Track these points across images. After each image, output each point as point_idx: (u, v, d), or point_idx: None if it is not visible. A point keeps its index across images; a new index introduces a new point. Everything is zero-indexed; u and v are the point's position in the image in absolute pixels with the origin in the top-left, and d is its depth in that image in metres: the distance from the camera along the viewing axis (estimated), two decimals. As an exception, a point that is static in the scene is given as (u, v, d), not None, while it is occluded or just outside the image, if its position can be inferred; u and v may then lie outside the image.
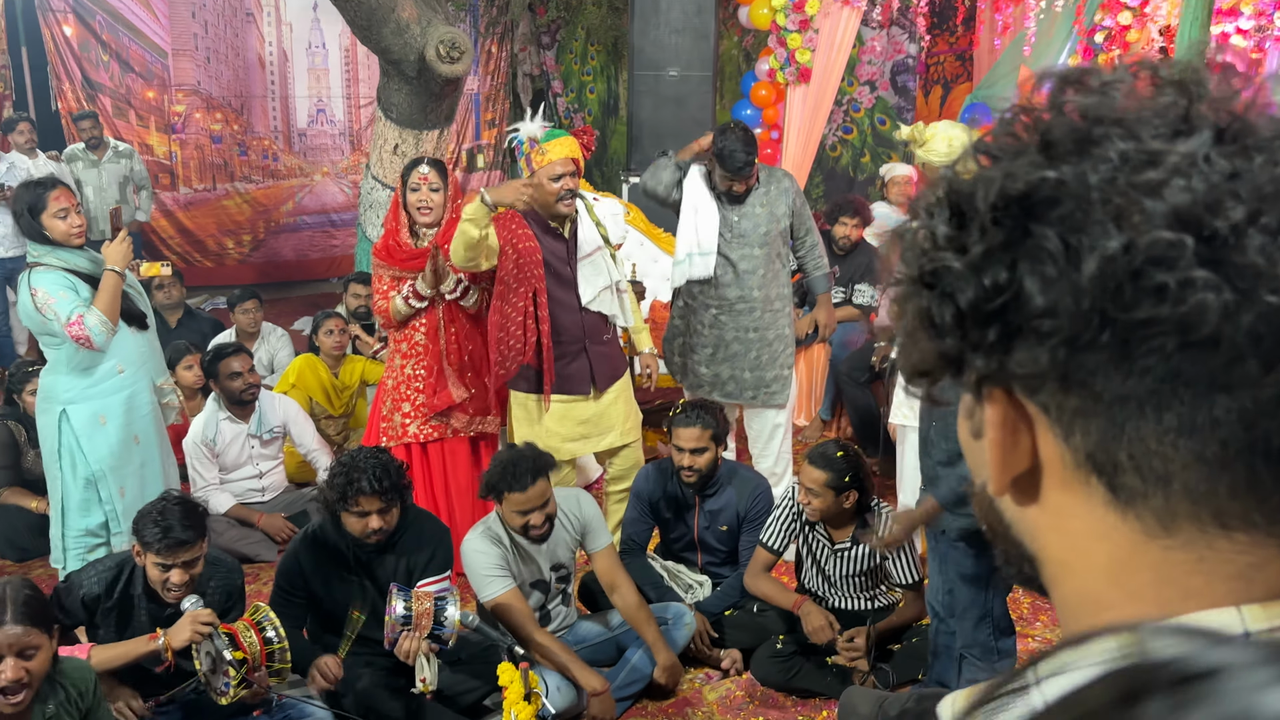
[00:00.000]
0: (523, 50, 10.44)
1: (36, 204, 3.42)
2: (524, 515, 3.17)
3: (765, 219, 4.03)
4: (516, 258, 3.68)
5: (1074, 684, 0.54)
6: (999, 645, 2.91)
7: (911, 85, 8.55)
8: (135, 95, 8.65)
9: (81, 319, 3.35)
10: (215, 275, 9.03)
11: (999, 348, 0.57)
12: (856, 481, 3.29)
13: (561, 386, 3.78)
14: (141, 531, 2.85)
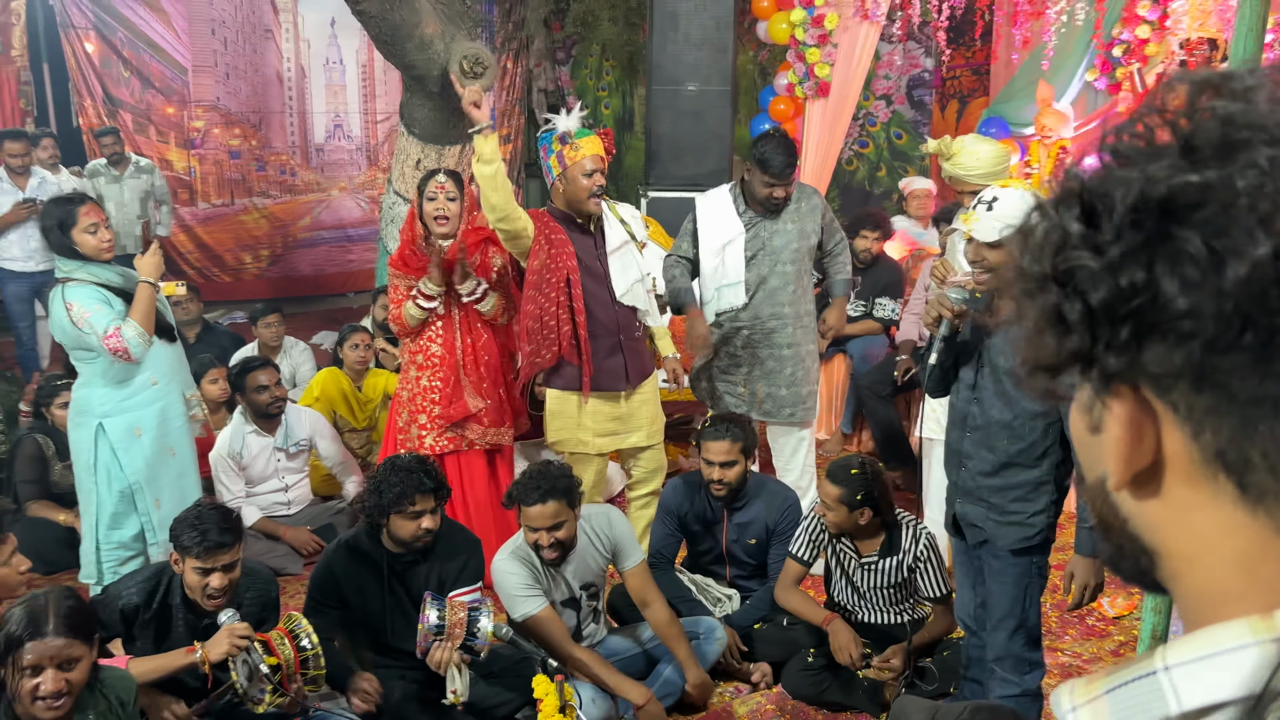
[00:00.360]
0: (538, 66, 10.49)
1: (67, 219, 3.45)
2: (533, 533, 3.15)
3: (796, 235, 4.05)
4: (549, 248, 3.72)
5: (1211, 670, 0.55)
6: (1030, 657, 2.90)
7: (928, 100, 8.57)
8: (155, 111, 8.71)
9: (119, 331, 3.39)
10: (233, 290, 9.07)
11: (1130, 346, 0.58)
12: (870, 499, 3.28)
13: (599, 381, 3.81)
14: (179, 537, 2.88)
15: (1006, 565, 2.83)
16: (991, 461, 2.75)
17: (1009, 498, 2.77)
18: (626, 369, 3.84)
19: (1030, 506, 2.77)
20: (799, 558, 3.49)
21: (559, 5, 10.04)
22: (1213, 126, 0.57)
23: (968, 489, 2.84)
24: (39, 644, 2.26)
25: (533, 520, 3.13)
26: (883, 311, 5.73)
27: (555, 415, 3.89)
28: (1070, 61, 6.71)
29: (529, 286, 3.76)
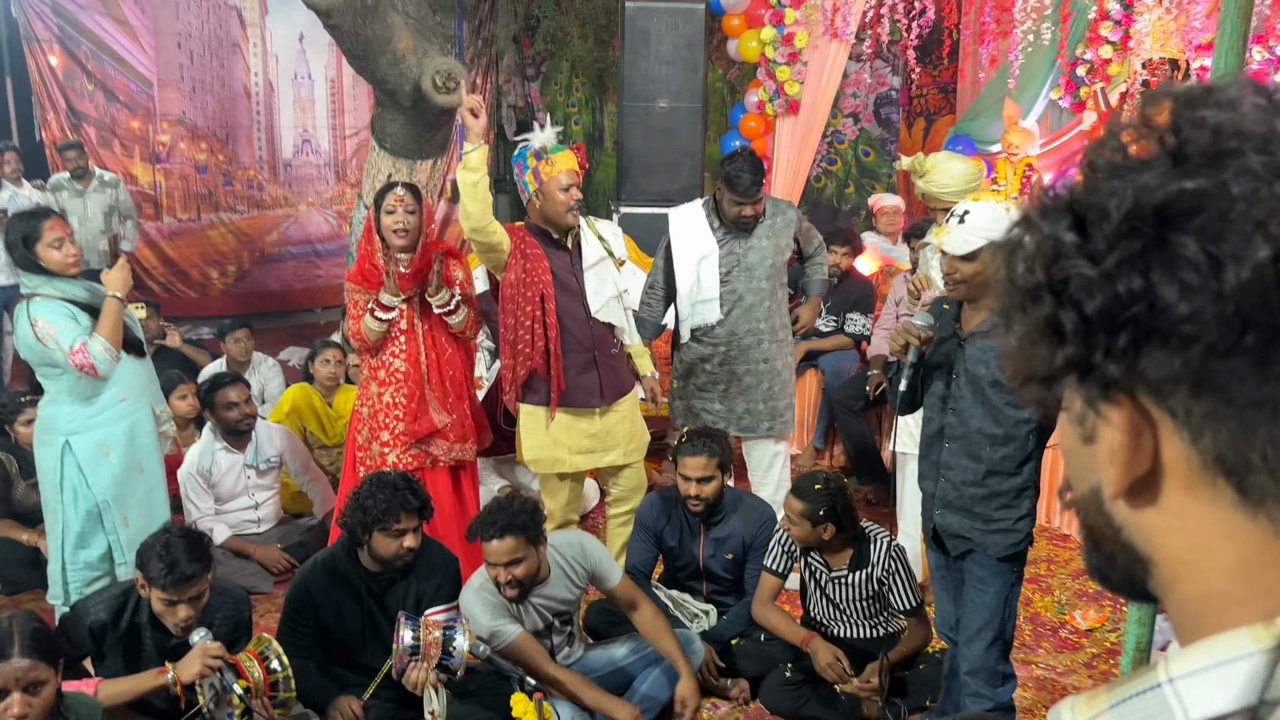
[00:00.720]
0: (507, 82, 10.49)
1: (31, 234, 3.39)
2: (492, 568, 3.09)
3: (771, 251, 4.07)
4: (524, 263, 3.71)
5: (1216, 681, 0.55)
6: (1003, 669, 2.91)
7: (895, 117, 8.66)
8: (120, 125, 8.61)
9: (85, 347, 3.32)
10: (199, 306, 8.97)
11: (1129, 353, 0.58)
12: (833, 515, 3.28)
13: (570, 398, 3.77)
14: (146, 566, 2.80)
15: (990, 574, 2.84)
16: (975, 470, 2.77)
17: (993, 505, 2.79)
18: (601, 386, 3.81)
19: (1014, 513, 2.79)
20: (773, 570, 3.49)
21: (529, 22, 10.06)
22: (1202, 136, 0.58)
23: (949, 500, 2.85)
24: (4, 666, 2.22)
25: (490, 556, 3.07)
26: (854, 327, 5.76)
27: (529, 432, 3.83)
28: (1035, 80, 6.82)
29: (505, 300, 3.74)
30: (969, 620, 2.89)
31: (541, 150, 3.65)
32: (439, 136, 5.67)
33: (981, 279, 2.71)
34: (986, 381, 2.73)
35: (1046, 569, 4.49)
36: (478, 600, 3.14)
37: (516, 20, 10.08)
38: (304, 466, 4.67)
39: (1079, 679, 3.65)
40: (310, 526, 4.64)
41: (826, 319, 5.78)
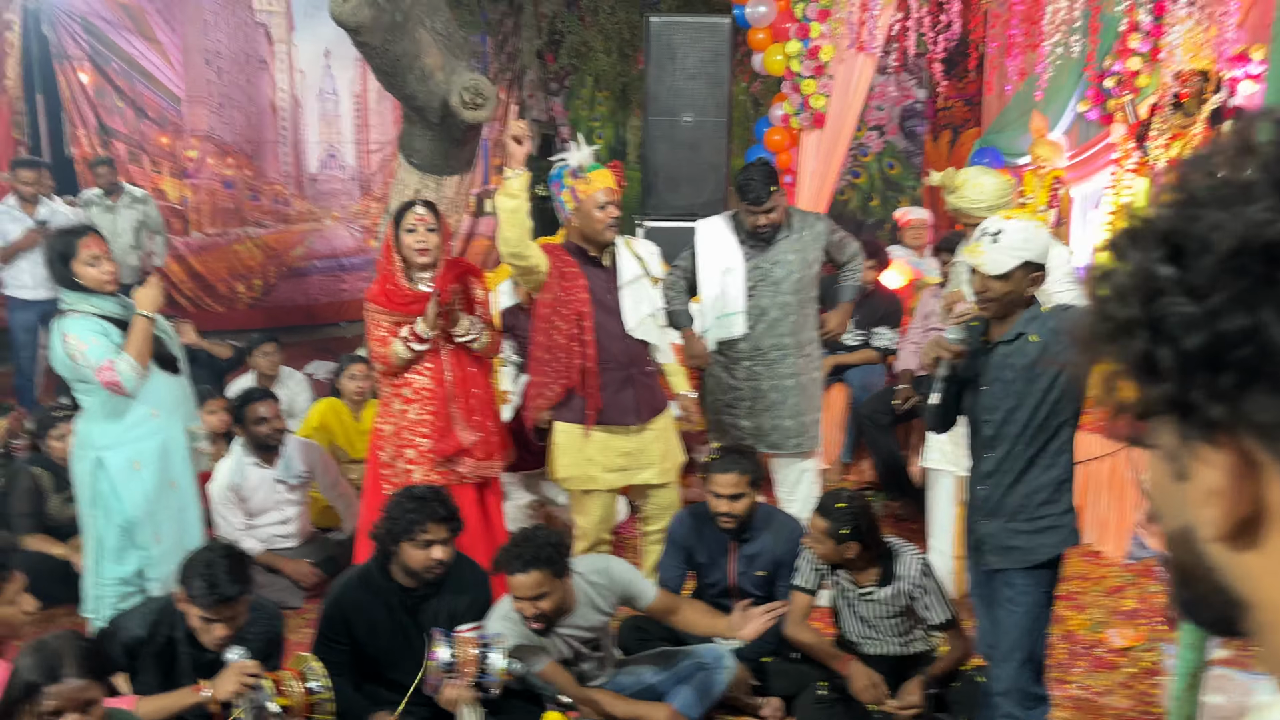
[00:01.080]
0: (531, 97, 10.54)
1: (68, 251, 3.41)
2: (517, 601, 3.08)
3: (798, 264, 4.06)
4: (561, 282, 3.73)
5: None
6: (1036, 691, 2.87)
7: (920, 130, 8.64)
8: (149, 141, 8.71)
9: (112, 364, 3.33)
10: (226, 320, 9.03)
11: (1232, 394, 0.56)
12: (856, 534, 3.26)
13: (606, 415, 3.77)
14: (188, 582, 2.81)
15: (1018, 594, 2.81)
16: (1013, 472, 2.77)
17: (1036, 502, 2.77)
18: (637, 403, 3.81)
19: (1057, 507, 2.78)
20: (803, 588, 3.47)
21: (552, 37, 10.10)
22: None
23: (992, 508, 2.83)
24: (61, 688, 2.22)
25: (515, 590, 3.06)
26: (881, 341, 5.74)
27: (563, 450, 3.83)
28: (1062, 93, 6.79)
29: (539, 319, 3.75)
30: (999, 640, 2.86)
31: (579, 169, 3.66)
32: (466, 152, 5.69)
33: (1013, 297, 2.70)
34: (1011, 388, 2.72)
35: (1079, 586, 4.44)
36: (504, 629, 3.12)
37: (540, 35, 10.13)
38: (333, 481, 4.69)
39: (1117, 699, 3.60)
40: (340, 541, 4.64)
41: (854, 333, 5.75)
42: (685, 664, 3.40)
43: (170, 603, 2.94)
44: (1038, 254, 2.70)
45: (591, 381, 3.74)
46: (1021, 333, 2.72)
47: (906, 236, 6.69)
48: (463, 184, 5.83)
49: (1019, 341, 2.72)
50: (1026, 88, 6.69)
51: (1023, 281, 2.69)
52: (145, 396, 3.47)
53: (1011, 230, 2.69)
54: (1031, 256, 2.68)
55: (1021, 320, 2.73)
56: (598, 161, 3.77)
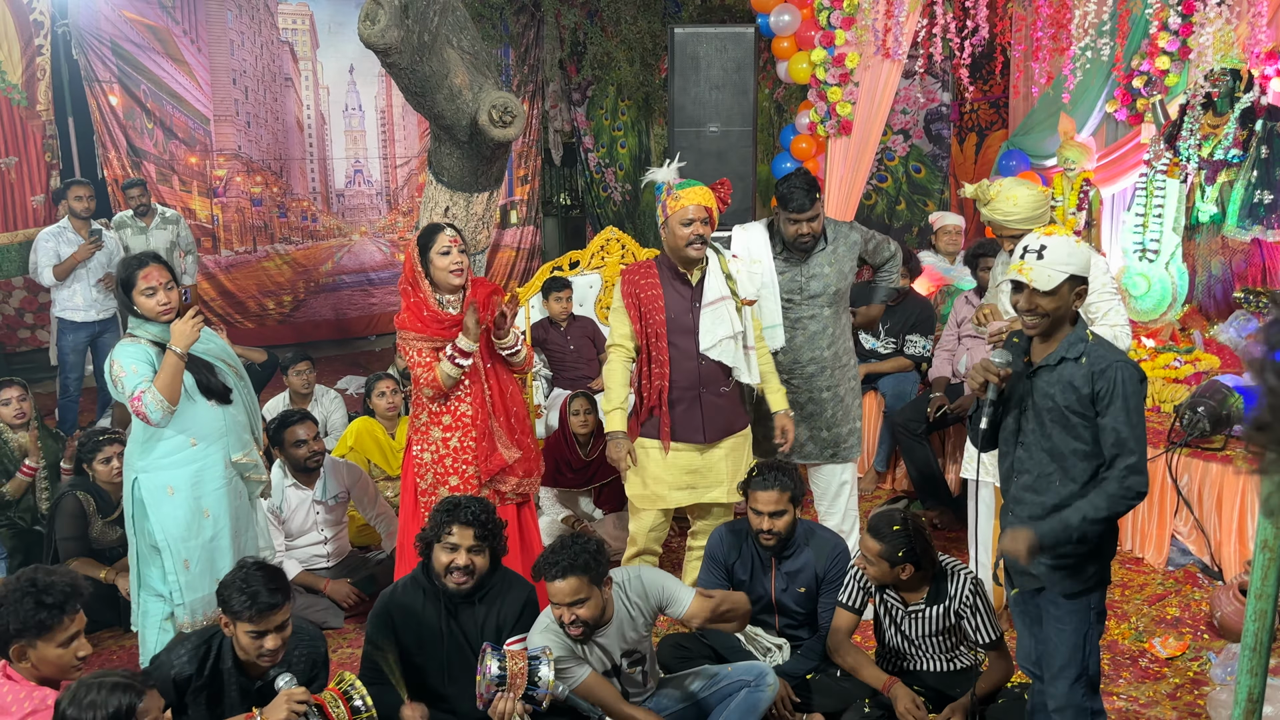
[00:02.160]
0: (553, 107, 10.58)
1: (128, 280, 3.46)
2: (556, 608, 3.10)
3: (835, 277, 4.07)
4: (639, 304, 3.82)
5: None
6: (1091, 705, 2.85)
7: (946, 133, 8.60)
8: (178, 161, 8.80)
9: (141, 396, 3.36)
10: (256, 336, 9.11)
11: None
12: (912, 555, 3.25)
13: (673, 433, 3.83)
14: (229, 601, 2.85)
15: (1065, 612, 2.79)
16: (1042, 505, 2.74)
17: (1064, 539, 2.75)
18: (704, 423, 3.83)
19: (1080, 549, 2.74)
20: (849, 606, 3.46)
21: (575, 48, 10.14)
22: None
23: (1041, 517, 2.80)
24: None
25: (554, 596, 3.08)
26: (914, 349, 5.71)
27: (636, 469, 3.90)
28: (1090, 94, 6.74)
29: (638, 337, 3.86)
30: (1050, 659, 2.84)
31: (673, 185, 3.72)
32: (495, 169, 5.71)
33: (1060, 313, 2.69)
34: (1052, 415, 2.70)
35: (1121, 595, 4.40)
36: (545, 642, 3.13)
37: (562, 46, 10.17)
38: (372, 500, 4.72)
39: (1163, 710, 3.57)
40: (380, 560, 4.67)
41: (885, 340, 5.74)
42: (728, 682, 3.39)
43: (216, 633, 2.97)
44: (1081, 268, 2.69)
45: (662, 400, 3.81)
46: (1064, 357, 2.70)
47: (941, 242, 6.66)
48: (491, 200, 5.85)
49: (1061, 368, 2.70)
50: (1054, 89, 6.64)
51: (1069, 296, 2.69)
52: (184, 425, 3.49)
53: (1055, 246, 2.68)
54: (1076, 270, 2.68)
55: (1064, 344, 2.71)
56: (693, 180, 3.79)
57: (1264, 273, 5.89)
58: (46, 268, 6.44)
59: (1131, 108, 6.53)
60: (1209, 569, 4.50)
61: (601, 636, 3.20)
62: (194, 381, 3.52)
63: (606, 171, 10.47)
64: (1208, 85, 5.79)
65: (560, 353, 6.08)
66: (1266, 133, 5.69)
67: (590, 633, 3.15)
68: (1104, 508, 2.64)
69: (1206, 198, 5.97)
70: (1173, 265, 6.04)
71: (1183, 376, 5.35)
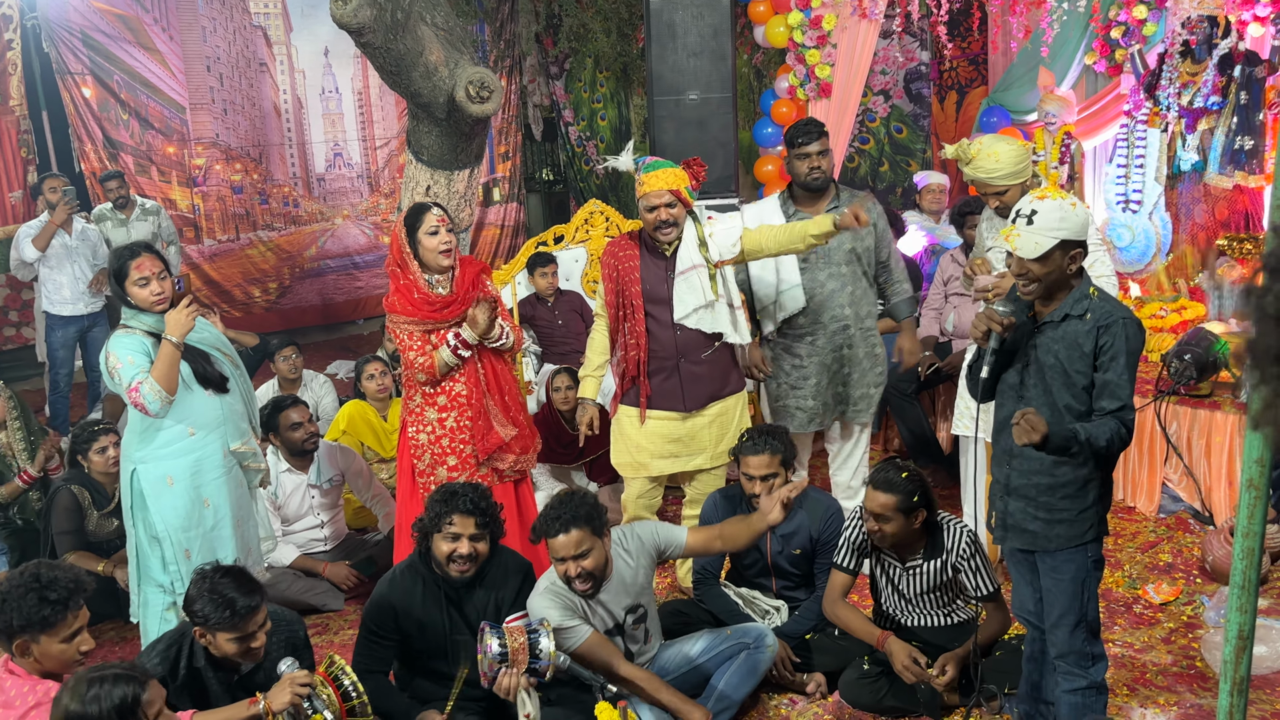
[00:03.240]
0: (531, 82, 10.51)
1: (121, 271, 3.43)
2: (561, 564, 3.13)
3: (849, 236, 4.09)
4: (618, 276, 3.85)
5: None
6: (1092, 650, 2.88)
7: (926, 92, 8.58)
8: (156, 151, 8.73)
9: (139, 387, 3.34)
10: (243, 324, 9.06)
11: None
12: (925, 499, 3.27)
13: (652, 402, 3.86)
14: (204, 615, 2.77)
15: (1062, 561, 2.81)
16: (1041, 459, 2.75)
17: (1058, 495, 2.77)
18: (683, 392, 3.85)
19: (1079, 504, 2.76)
20: (844, 567, 3.48)
21: (550, 21, 10.06)
22: None
23: (1015, 486, 2.84)
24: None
25: (558, 551, 3.11)
26: (901, 309, 5.72)
27: (616, 436, 3.97)
28: (1068, 46, 6.72)
29: (611, 309, 3.90)
30: (1049, 608, 2.86)
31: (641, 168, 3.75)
32: (474, 146, 5.68)
33: (1054, 278, 2.67)
34: (1054, 372, 2.71)
35: (1114, 543, 4.45)
36: (545, 602, 3.17)
37: (538, 20, 10.09)
38: (367, 482, 4.73)
39: (1158, 654, 3.62)
40: (377, 541, 4.69)
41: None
42: (728, 645, 3.42)
43: (184, 634, 2.91)
44: (1075, 231, 2.65)
45: (641, 370, 3.84)
46: (1068, 314, 2.68)
47: (925, 201, 6.66)
48: (473, 177, 5.82)
49: (1065, 324, 2.69)
50: (1032, 44, 6.63)
51: (1062, 261, 2.65)
52: (182, 414, 3.48)
53: (1046, 210, 2.64)
54: (1069, 235, 2.63)
55: (1068, 301, 2.69)
56: (662, 160, 3.80)
57: (1246, 219, 5.91)
58: (26, 240, 6.32)
59: (1110, 59, 6.51)
60: (1200, 514, 4.55)
61: (604, 593, 3.23)
62: (191, 371, 3.50)
63: (588, 144, 10.42)
64: (1185, 33, 5.78)
65: (549, 328, 6.07)
66: (1245, 78, 5.69)
67: (598, 586, 3.18)
68: (1102, 438, 2.64)
69: (1187, 146, 5.97)
70: (1156, 215, 6.05)
71: (1169, 325, 5.37)
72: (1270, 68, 5.69)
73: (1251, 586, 1.80)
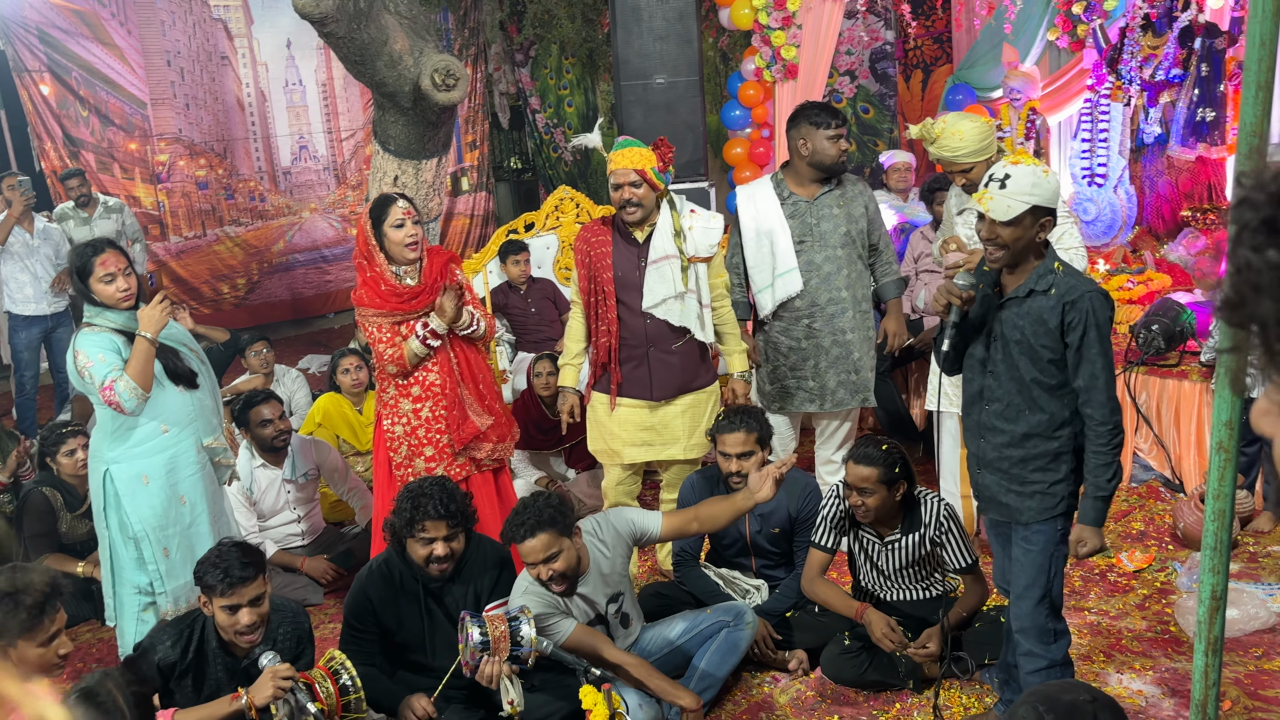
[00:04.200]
0: (497, 70, 10.45)
1: (84, 268, 3.36)
2: (532, 567, 3.11)
3: (844, 219, 4.09)
4: (590, 262, 3.82)
5: None
6: (1054, 626, 2.91)
7: (892, 72, 8.60)
8: (118, 148, 8.61)
9: (113, 385, 3.30)
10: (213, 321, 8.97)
11: None
12: (906, 470, 3.30)
13: (623, 390, 3.86)
14: (203, 578, 2.88)
15: (1032, 533, 2.84)
16: (1011, 433, 2.78)
17: (1030, 468, 2.79)
18: (652, 381, 3.84)
19: (1051, 476, 2.79)
20: (822, 546, 3.50)
21: (515, 8, 10.00)
22: None
23: (988, 460, 2.86)
24: None
25: (528, 556, 3.10)
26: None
27: (591, 422, 3.97)
28: (1031, 23, 6.77)
29: (585, 294, 3.88)
30: (1015, 579, 2.89)
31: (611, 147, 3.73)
32: (441, 134, 5.66)
33: (1023, 244, 2.68)
34: (1019, 348, 2.73)
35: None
36: (527, 602, 3.16)
37: (502, 7, 10.02)
38: (342, 476, 4.70)
39: (1133, 621, 3.67)
40: (355, 534, 4.67)
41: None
42: (708, 624, 3.44)
43: (197, 616, 2.97)
44: (1046, 199, 2.65)
45: (613, 357, 3.82)
46: (1033, 289, 2.69)
47: (891, 180, 6.69)
48: (440, 166, 5.80)
49: (1030, 300, 2.70)
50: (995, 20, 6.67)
51: (1032, 228, 2.66)
52: (155, 412, 3.44)
53: (1019, 175, 2.65)
54: (1040, 201, 2.64)
55: (1033, 276, 2.70)
56: (631, 140, 3.76)
57: (1210, 190, 5.97)
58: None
59: (1072, 34, 6.56)
60: (1170, 482, 4.61)
61: (583, 586, 3.23)
62: (163, 367, 3.46)
63: (555, 131, 10.38)
64: (1146, 6, 5.82)
65: (522, 316, 6.06)
66: (1205, 50, 5.75)
67: (573, 585, 3.18)
68: (1107, 465, 2.70)
69: (1150, 119, 6.03)
70: (1121, 188, 6.11)
71: (1136, 297, 5.44)
72: (1230, 39, 5.75)
73: (1223, 548, 1.83)
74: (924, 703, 3.30)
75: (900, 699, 3.34)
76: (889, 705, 3.32)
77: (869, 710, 3.32)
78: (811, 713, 3.34)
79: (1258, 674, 3.29)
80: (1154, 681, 3.31)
